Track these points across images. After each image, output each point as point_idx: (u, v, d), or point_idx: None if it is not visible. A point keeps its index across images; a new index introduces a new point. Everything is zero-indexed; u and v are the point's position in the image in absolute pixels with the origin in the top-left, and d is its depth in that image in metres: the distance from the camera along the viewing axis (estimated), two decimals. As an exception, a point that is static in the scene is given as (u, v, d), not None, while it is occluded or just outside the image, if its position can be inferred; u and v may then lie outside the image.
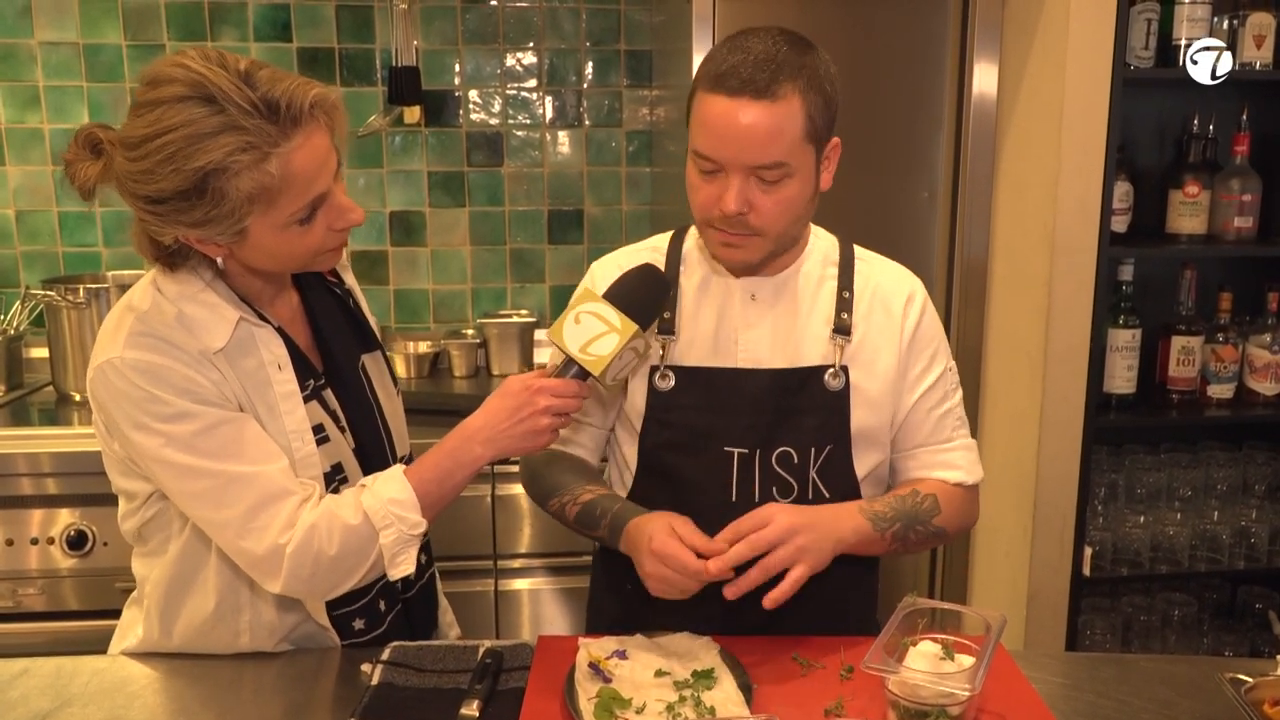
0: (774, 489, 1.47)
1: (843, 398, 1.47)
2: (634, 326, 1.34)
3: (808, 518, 1.37)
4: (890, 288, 1.52)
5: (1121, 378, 2.53)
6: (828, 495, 1.48)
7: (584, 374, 1.35)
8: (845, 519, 1.42)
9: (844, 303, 1.49)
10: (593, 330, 1.34)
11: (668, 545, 1.33)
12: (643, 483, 1.54)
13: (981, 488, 1.60)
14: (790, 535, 1.33)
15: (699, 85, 1.36)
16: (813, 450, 1.47)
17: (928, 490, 1.51)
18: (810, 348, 1.48)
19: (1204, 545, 2.61)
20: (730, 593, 1.32)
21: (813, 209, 1.46)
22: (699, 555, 1.33)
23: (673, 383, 1.49)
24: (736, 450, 1.47)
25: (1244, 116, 2.51)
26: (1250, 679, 1.32)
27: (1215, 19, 2.39)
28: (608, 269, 1.57)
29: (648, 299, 1.39)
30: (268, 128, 1.19)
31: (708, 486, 1.48)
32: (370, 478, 1.37)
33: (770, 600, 1.32)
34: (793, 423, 1.47)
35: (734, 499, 1.47)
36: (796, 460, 1.47)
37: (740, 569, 1.36)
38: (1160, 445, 2.67)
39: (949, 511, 1.51)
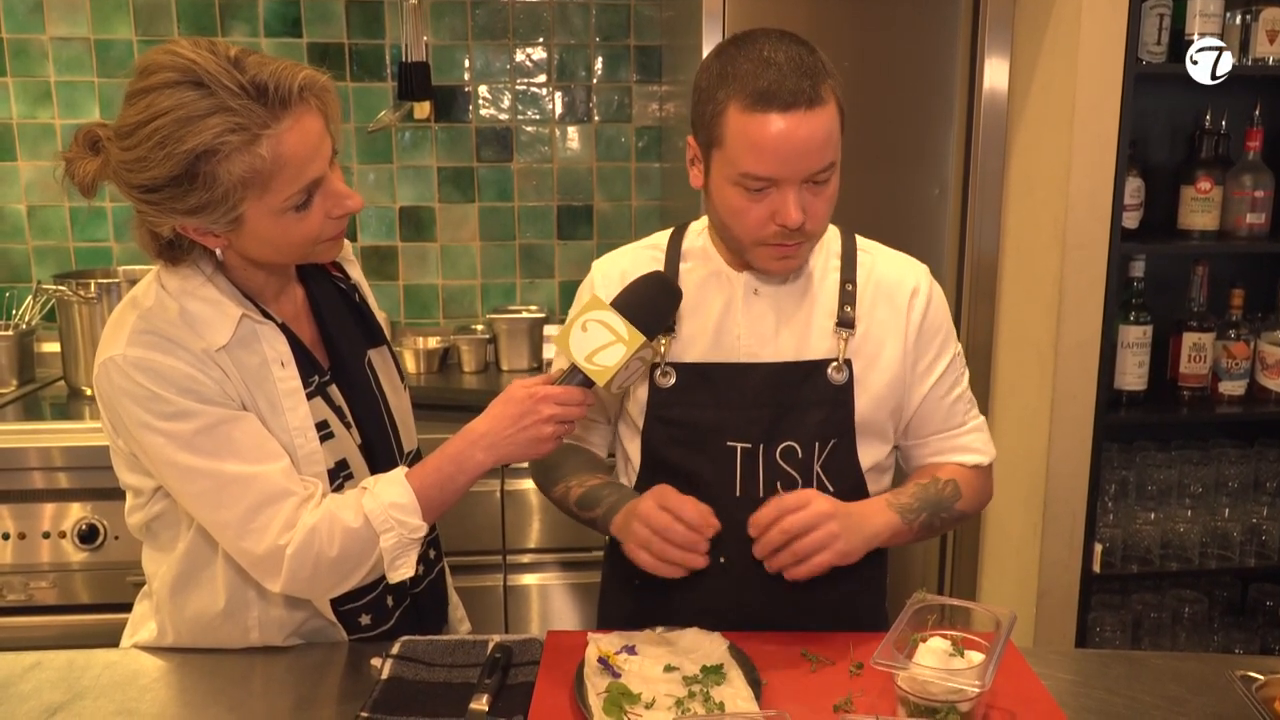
0: (778, 483, 1.47)
1: (846, 391, 1.47)
2: (641, 338, 1.33)
3: (844, 508, 1.38)
4: (894, 280, 1.51)
5: (1132, 374, 2.52)
6: (832, 489, 1.48)
7: (589, 382, 1.34)
8: (877, 515, 1.43)
9: (847, 295, 1.49)
10: (599, 340, 1.33)
11: (665, 496, 1.36)
12: (647, 478, 1.54)
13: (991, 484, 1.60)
14: (824, 520, 1.34)
15: (734, 104, 1.31)
16: (816, 444, 1.47)
17: (947, 476, 1.51)
18: (814, 341, 1.48)
19: (1215, 543, 2.60)
20: (758, 551, 1.37)
21: None
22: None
23: (674, 379, 1.48)
24: (740, 445, 1.47)
25: (1256, 112, 2.50)
26: (1261, 676, 1.32)
27: (1227, 14, 2.38)
28: (608, 269, 1.57)
29: (657, 309, 1.39)
30: (256, 109, 1.19)
31: (712, 481, 1.48)
32: (371, 480, 1.37)
33: (790, 576, 1.36)
34: (796, 417, 1.47)
35: (738, 494, 1.47)
36: (800, 454, 1.47)
37: (760, 565, 1.38)
38: (1171, 442, 2.66)
39: (969, 495, 1.53)
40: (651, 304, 1.38)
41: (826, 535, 1.34)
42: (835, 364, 1.46)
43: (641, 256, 1.56)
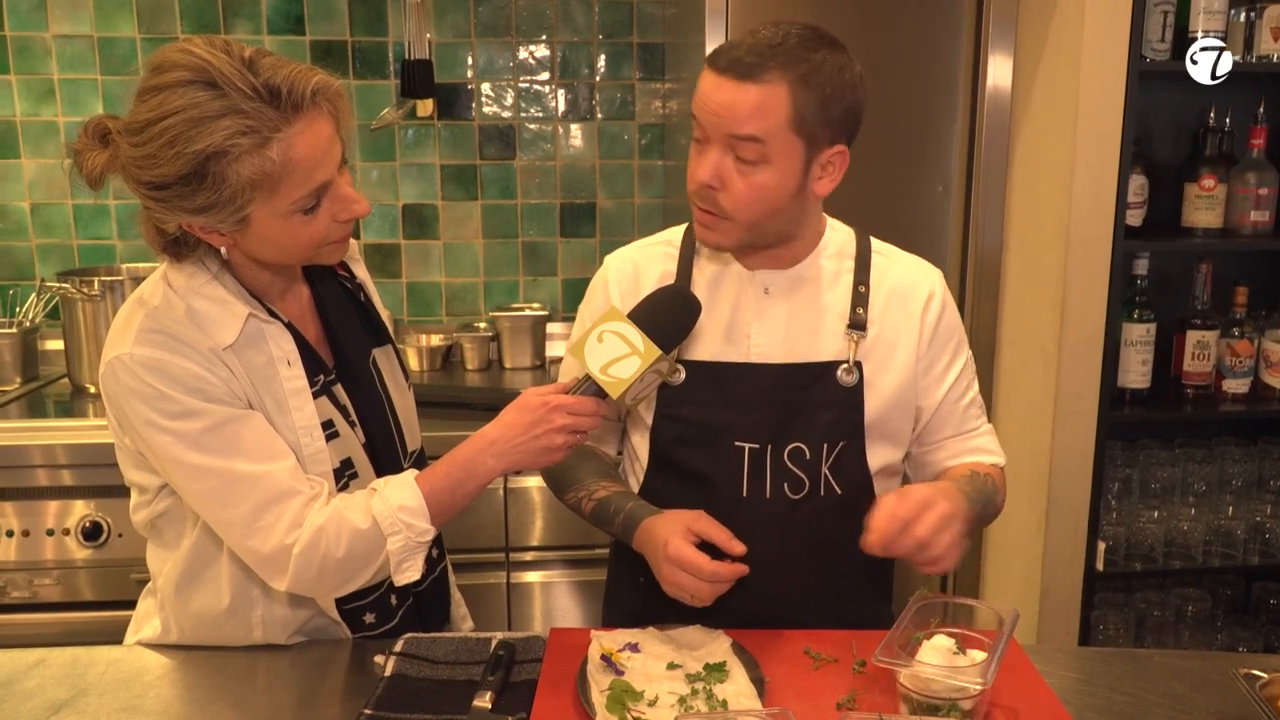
0: (785, 485, 1.47)
1: (856, 393, 1.47)
2: (657, 351, 1.31)
3: (953, 504, 1.30)
4: (909, 283, 1.51)
5: (1136, 372, 2.51)
6: (839, 491, 1.48)
7: (602, 393, 1.33)
8: (960, 504, 1.34)
9: (859, 297, 1.48)
10: (615, 351, 1.31)
11: (683, 551, 1.34)
12: (654, 477, 1.54)
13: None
14: (951, 521, 1.28)
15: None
16: (825, 446, 1.47)
17: (984, 471, 1.50)
18: (824, 342, 1.47)
19: (1218, 541, 2.60)
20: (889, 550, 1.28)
21: (797, 209, 1.42)
22: (719, 554, 1.35)
23: (683, 377, 1.48)
24: (747, 445, 1.47)
25: (1261, 109, 2.49)
26: (1265, 674, 1.32)
27: (1231, 11, 2.38)
28: (622, 264, 1.56)
29: (674, 323, 1.38)
30: (269, 112, 1.19)
31: (718, 481, 1.48)
32: (381, 481, 1.37)
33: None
34: (805, 418, 1.47)
35: (745, 494, 1.47)
36: (808, 456, 1.47)
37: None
38: (1174, 440, 2.66)
39: (1003, 491, 1.53)
40: (670, 318, 1.37)
41: (957, 536, 1.28)
42: (846, 366, 1.46)
43: (654, 252, 1.56)
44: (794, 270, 1.49)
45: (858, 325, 1.47)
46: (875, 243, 1.55)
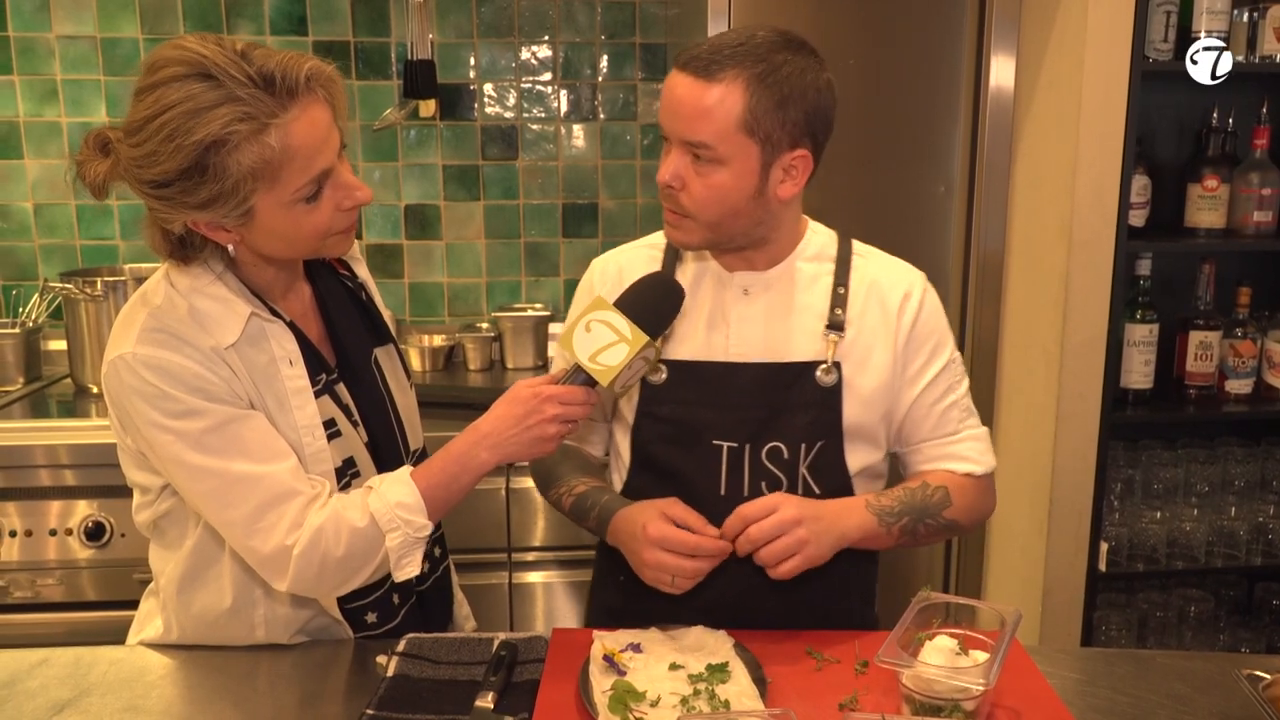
0: (763, 484, 1.47)
1: (835, 394, 1.47)
2: (644, 338, 1.33)
3: (813, 510, 1.38)
4: (888, 284, 1.51)
5: (1139, 373, 2.51)
6: (818, 491, 1.48)
7: (592, 382, 1.35)
8: (851, 515, 1.43)
9: (838, 298, 1.48)
10: (602, 339, 1.34)
11: (664, 529, 1.35)
12: (636, 476, 1.55)
13: (997, 483, 1.59)
14: (791, 527, 1.35)
15: None
16: (803, 446, 1.47)
17: (938, 482, 1.50)
18: (803, 343, 1.48)
19: (1221, 541, 2.60)
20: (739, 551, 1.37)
21: (760, 211, 1.41)
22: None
23: (665, 376, 1.49)
24: (726, 444, 1.47)
25: (1264, 109, 2.49)
26: (1268, 675, 1.32)
27: (1235, 11, 2.37)
28: (607, 266, 1.59)
29: (660, 310, 1.39)
30: (264, 98, 1.20)
31: (697, 480, 1.48)
32: (377, 479, 1.37)
33: (771, 574, 1.37)
34: (784, 418, 1.47)
35: (723, 493, 1.47)
36: (786, 455, 1.47)
37: (744, 564, 1.38)
38: (1177, 441, 2.66)
39: (961, 503, 1.50)
40: (655, 304, 1.38)
41: (794, 542, 1.35)
42: (824, 366, 1.46)
43: (639, 255, 1.58)
44: (772, 272, 1.49)
45: (836, 326, 1.47)
46: (857, 245, 1.54)
